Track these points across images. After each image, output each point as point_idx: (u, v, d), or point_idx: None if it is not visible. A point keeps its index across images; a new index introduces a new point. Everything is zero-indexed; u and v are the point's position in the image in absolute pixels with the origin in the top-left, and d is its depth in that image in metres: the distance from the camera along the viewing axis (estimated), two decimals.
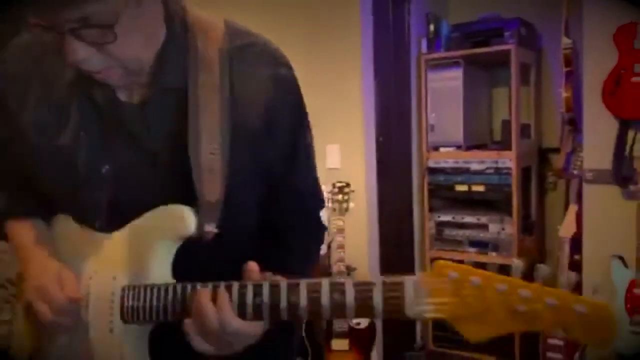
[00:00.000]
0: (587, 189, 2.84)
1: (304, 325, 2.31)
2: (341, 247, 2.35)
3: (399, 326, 3.36)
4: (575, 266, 2.84)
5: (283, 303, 0.80)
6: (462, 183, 3.25)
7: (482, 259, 3.20)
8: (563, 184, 3.39)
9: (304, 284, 0.80)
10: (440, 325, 3.37)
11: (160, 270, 0.90)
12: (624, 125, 2.66)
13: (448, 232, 3.29)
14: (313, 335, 2.31)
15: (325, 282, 0.79)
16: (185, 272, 0.89)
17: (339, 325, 2.27)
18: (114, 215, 0.93)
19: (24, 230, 1.03)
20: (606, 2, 2.69)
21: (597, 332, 0.65)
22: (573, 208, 2.79)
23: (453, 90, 3.21)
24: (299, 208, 1.04)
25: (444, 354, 3.34)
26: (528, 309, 0.68)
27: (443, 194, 3.33)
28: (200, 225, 0.87)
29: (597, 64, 2.73)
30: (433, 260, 3.36)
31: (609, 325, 0.65)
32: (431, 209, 3.35)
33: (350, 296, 0.77)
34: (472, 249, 3.23)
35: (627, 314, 2.63)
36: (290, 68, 0.98)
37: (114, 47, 0.79)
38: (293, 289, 0.80)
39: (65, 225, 1.01)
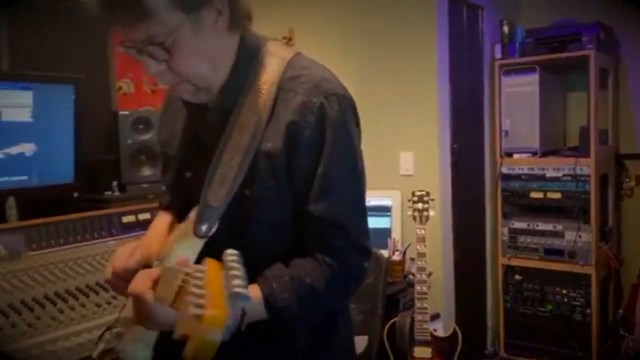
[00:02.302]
0: None
1: (385, 332, 2.35)
2: (422, 255, 2.37)
3: (470, 333, 3.34)
4: None
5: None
6: (537, 190, 3.21)
7: (558, 267, 3.16)
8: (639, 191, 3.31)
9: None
10: (512, 332, 3.34)
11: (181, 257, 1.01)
12: None
13: (522, 240, 3.26)
14: (395, 343, 2.34)
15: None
16: None
17: (421, 333, 2.30)
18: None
19: (157, 220, 1.25)
20: None
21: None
22: None
23: (529, 96, 3.18)
24: (316, 236, 1.01)
25: None
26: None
27: (517, 200, 3.29)
28: (195, 224, 0.98)
29: None
30: (505, 266, 3.33)
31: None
32: (504, 216, 3.33)
33: None
34: (547, 257, 3.19)
35: None
36: (329, 100, 0.99)
37: (178, 64, 0.95)
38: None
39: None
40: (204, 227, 0.97)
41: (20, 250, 2.10)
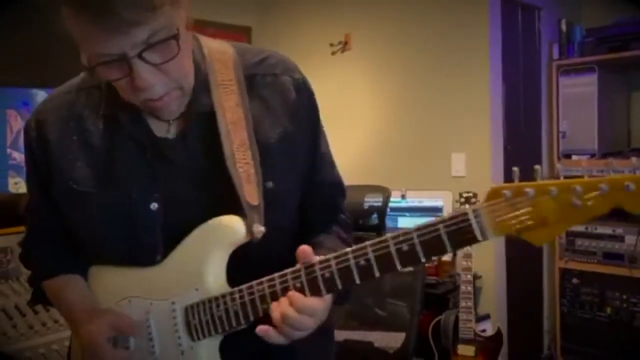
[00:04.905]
0: None
1: (430, 329, 2.41)
2: (468, 256, 2.41)
3: (525, 336, 3.32)
4: None
5: (354, 268, 0.84)
6: None
7: (617, 271, 3.07)
8: None
9: (369, 244, 0.83)
10: (569, 336, 3.28)
11: (217, 280, 0.94)
12: None
13: (580, 243, 3.20)
14: (439, 340, 2.40)
15: (389, 236, 0.82)
16: (237, 277, 0.94)
17: (465, 332, 2.34)
18: (172, 246, 0.97)
19: (67, 291, 1.06)
20: None
21: None
22: None
23: (587, 97, 3.12)
24: (327, 202, 1.09)
25: None
26: (583, 201, 0.72)
27: None
28: (249, 227, 0.92)
29: None
30: (562, 270, 3.28)
31: None
32: None
33: (417, 242, 0.80)
34: (606, 261, 3.11)
35: None
36: (302, 74, 1.05)
37: (176, 65, 0.86)
38: (360, 251, 0.84)
39: (104, 273, 1.04)
40: (261, 228, 0.92)
41: None
